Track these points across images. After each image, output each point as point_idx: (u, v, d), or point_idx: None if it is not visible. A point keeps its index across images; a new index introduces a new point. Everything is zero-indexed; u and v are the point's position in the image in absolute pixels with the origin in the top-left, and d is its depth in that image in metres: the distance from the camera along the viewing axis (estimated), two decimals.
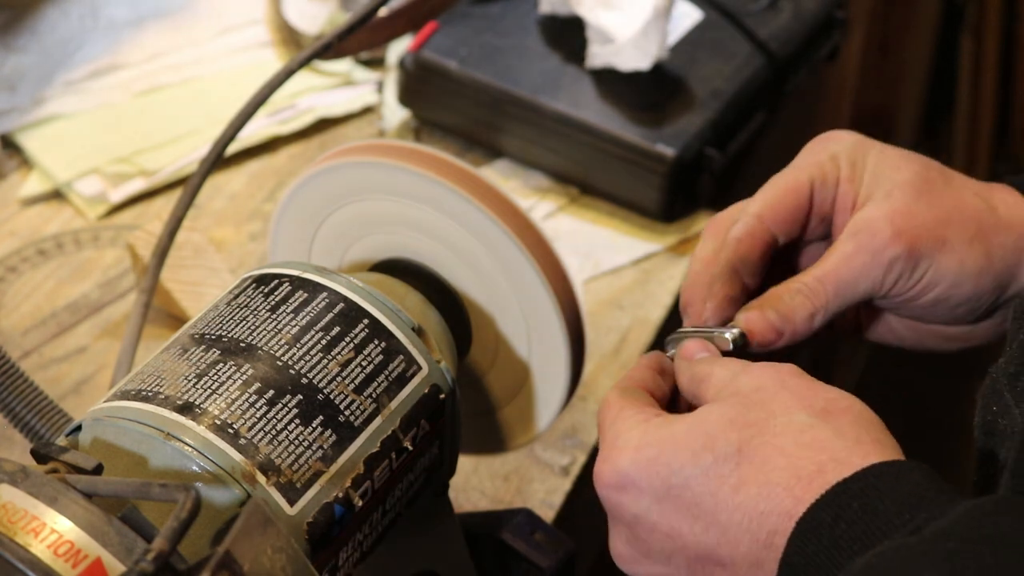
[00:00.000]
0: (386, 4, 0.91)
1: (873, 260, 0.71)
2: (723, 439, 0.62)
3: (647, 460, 0.63)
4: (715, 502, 0.61)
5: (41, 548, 0.55)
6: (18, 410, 0.77)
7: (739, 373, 0.65)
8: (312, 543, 0.64)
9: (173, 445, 0.63)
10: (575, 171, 1.19)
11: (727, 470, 0.61)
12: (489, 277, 0.79)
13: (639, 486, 0.63)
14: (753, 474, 0.61)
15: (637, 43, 1.14)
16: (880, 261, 0.71)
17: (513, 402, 0.83)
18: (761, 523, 0.60)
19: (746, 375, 0.65)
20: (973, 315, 0.74)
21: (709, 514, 0.61)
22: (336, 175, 0.80)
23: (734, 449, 0.61)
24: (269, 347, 0.69)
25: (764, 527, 0.60)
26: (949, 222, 0.72)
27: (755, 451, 0.61)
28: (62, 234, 1.15)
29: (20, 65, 1.26)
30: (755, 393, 0.64)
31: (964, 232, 0.72)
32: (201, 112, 1.24)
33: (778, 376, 0.64)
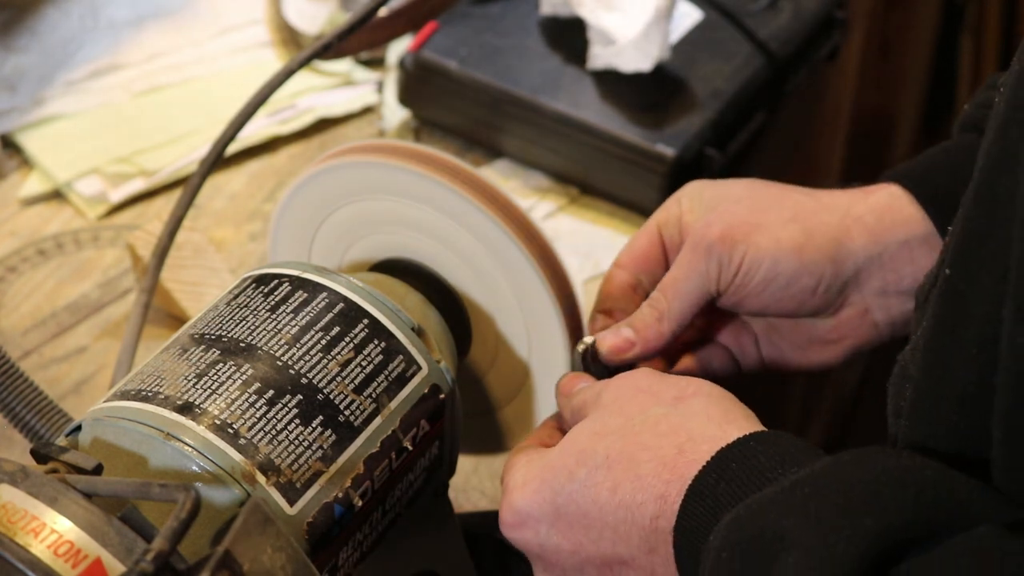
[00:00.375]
0: (386, 4, 0.91)
1: (695, 255, 0.78)
2: (591, 451, 0.67)
3: (532, 491, 0.68)
4: (599, 508, 0.66)
5: (41, 548, 0.55)
6: (18, 410, 0.77)
7: (601, 390, 0.71)
8: (312, 543, 0.64)
9: (173, 445, 0.63)
10: (575, 171, 1.19)
11: (601, 477, 0.66)
12: (489, 277, 0.79)
13: (534, 516, 0.68)
14: (624, 473, 0.65)
15: (638, 44, 1.14)
16: (701, 255, 0.78)
17: (513, 402, 0.83)
18: (642, 513, 0.64)
19: (607, 390, 0.71)
20: (817, 298, 0.79)
21: (598, 520, 0.66)
22: (336, 175, 0.80)
23: (603, 457, 0.66)
24: (269, 347, 0.69)
25: (645, 515, 0.64)
26: (765, 211, 0.79)
27: (621, 452, 0.66)
28: (62, 234, 1.14)
29: (20, 65, 1.26)
30: (614, 403, 0.69)
31: (779, 216, 0.78)
32: (201, 112, 1.24)
33: (632, 382, 0.70)
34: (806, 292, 0.79)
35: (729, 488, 0.62)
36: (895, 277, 0.79)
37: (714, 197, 0.81)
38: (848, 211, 0.80)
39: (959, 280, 0.60)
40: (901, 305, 0.80)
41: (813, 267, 0.78)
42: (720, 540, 0.59)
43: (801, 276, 0.78)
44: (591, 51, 1.17)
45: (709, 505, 0.62)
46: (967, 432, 0.59)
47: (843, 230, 0.79)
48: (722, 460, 0.63)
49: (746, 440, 0.64)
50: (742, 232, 0.78)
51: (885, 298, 0.80)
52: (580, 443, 0.68)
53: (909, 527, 0.55)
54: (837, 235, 0.79)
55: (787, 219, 0.79)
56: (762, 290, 0.78)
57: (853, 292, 0.80)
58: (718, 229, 0.78)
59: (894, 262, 0.79)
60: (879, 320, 0.81)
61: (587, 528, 0.66)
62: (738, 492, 0.61)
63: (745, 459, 0.62)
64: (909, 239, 0.79)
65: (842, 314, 0.81)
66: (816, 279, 0.78)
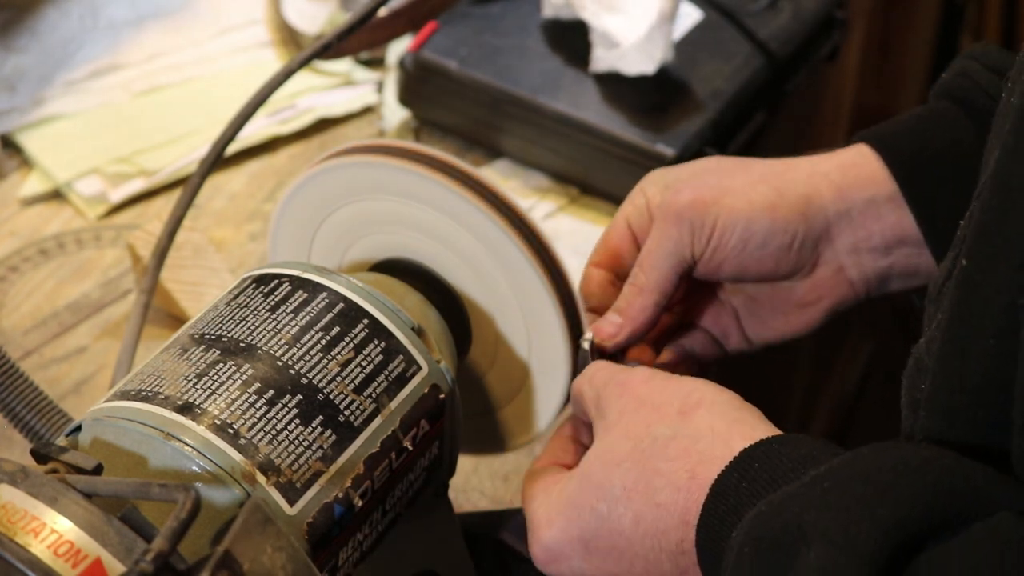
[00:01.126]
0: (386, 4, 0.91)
1: (666, 223, 0.78)
2: (607, 485, 0.68)
3: (560, 530, 0.69)
4: (626, 539, 0.67)
5: (41, 548, 0.55)
6: (18, 410, 0.77)
7: (600, 392, 0.72)
8: (312, 543, 0.64)
9: (173, 445, 0.63)
10: (575, 171, 1.19)
11: (622, 509, 0.67)
12: (489, 277, 0.79)
13: (566, 553, 0.69)
14: (643, 504, 0.66)
15: (642, 47, 1.14)
16: (672, 222, 0.78)
17: (513, 402, 0.83)
18: (667, 539, 0.66)
19: (607, 396, 0.71)
20: (792, 255, 0.79)
21: (627, 551, 0.67)
22: (336, 175, 0.80)
23: (620, 489, 0.67)
24: (269, 347, 0.69)
25: (671, 540, 0.66)
26: (732, 176, 0.80)
27: (636, 483, 0.67)
28: (63, 234, 1.15)
29: (20, 65, 1.26)
30: (619, 422, 0.70)
31: (747, 179, 0.79)
32: (201, 112, 1.24)
33: (633, 393, 0.70)
34: (782, 250, 0.79)
35: (752, 487, 0.62)
36: (864, 233, 0.80)
37: (678, 178, 0.81)
38: (814, 169, 0.80)
39: (976, 271, 0.60)
40: (874, 262, 0.81)
41: (786, 224, 0.78)
42: (742, 536, 0.60)
43: (776, 234, 0.78)
44: (594, 54, 1.17)
45: (731, 504, 0.63)
46: (985, 422, 0.59)
47: (811, 187, 0.79)
48: (745, 460, 0.63)
49: (768, 442, 0.64)
50: (712, 196, 0.78)
51: (857, 255, 0.80)
52: (595, 477, 0.68)
53: (928, 516, 0.55)
54: (806, 191, 0.79)
55: (756, 181, 0.79)
56: (739, 251, 0.78)
57: (826, 249, 0.80)
58: (687, 196, 0.78)
59: (862, 218, 0.80)
60: (853, 277, 0.81)
61: (618, 559, 0.68)
62: (759, 491, 0.62)
63: (767, 459, 0.63)
64: (875, 196, 0.79)
65: (817, 273, 0.81)
66: (791, 236, 0.79)
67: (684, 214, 0.78)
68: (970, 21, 2.20)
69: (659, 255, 0.78)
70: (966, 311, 0.60)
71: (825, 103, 1.51)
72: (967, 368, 0.60)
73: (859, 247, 0.80)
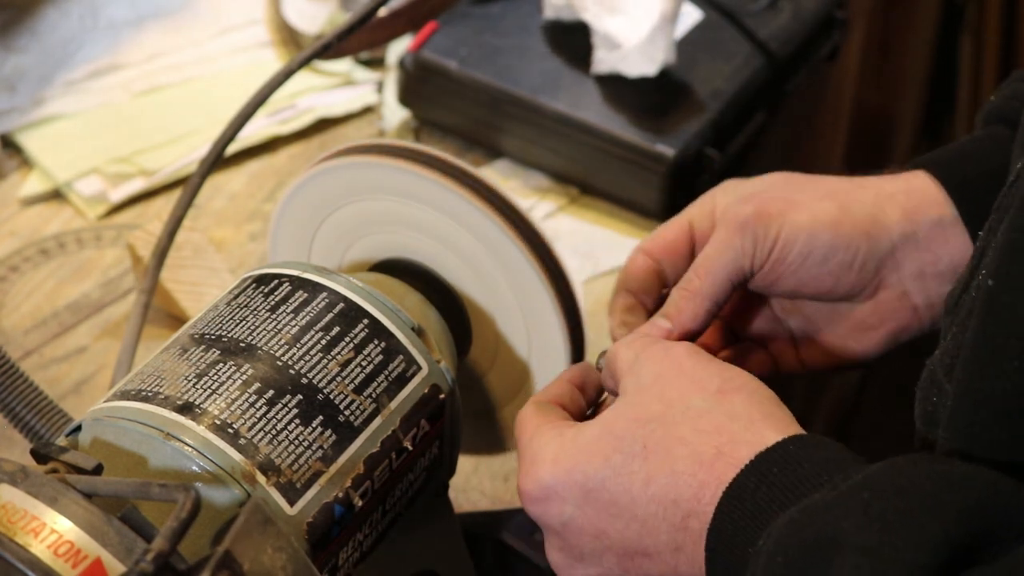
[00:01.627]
0: (386, 4, 0.91)
1: (728, 231, 0.77)
2: (629, 438, 0.65)
3: (564, 470, 0.67)
4: (630, 498, 0.65)
5: (41, 548, 0.55)
6: (18, 410, 0.77)
7: (639, 356, 0.69)
8: (312, 543, 0.64)
9: (173, 445, 0.63)
10: (575, 171, 1.19)
11: (636, 466, 0.65)
12: (489, 277, 0.79)
13: (560, 495, 0.67)
14: (659, 466, 0.64)
15: (643, 49, 1.14)
16: (734, 231, 0.77)
17: (513, 402, 0.83)
18: (674, 510, 0.64)
19: (646, 361, 0.69)
20: (852, 274, 0.78)
21: (627, 510, 0.65)
22: (336, 175, 0.80)
23: (640, 446, 0.65)
24: (269, 347, 0.69)
25: (678, 513, 0.64)
26: (799, 191, 0.79)
27: (658, 444, 0.65)
28: (64, 233, 1.15)
29: (20, 65, 1.26)
30: (654, 384, 0.67)
31: (815, 194, 0.78)
32: (201, 112, 1.24)
33: (675, 360, 0.68)
34: (843, 267, 0.78)
35: (771, 493, 0.61)
36: (932, 258, 0.78)
37: (749, 190, 0.80)
38: (881, 189, 0.79)
39: (1003, 291, 0.59)
40: (939, 288, 0.79)
41: (849, 241, 0.77)
42: (773, 544, 0.58)
43: (837, 251, 0.77)
44: (595, 55, 1.17)
45: (749, 509, 0.61)
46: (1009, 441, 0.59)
47: (877, 206, 0.78)
48: (763, 464, 0.62)
49: (786, 444, 0.63)
50: (777, 208, 0.77)
51: (923, 280, 0.79)
52: (618, 428, 0.66)
53: (974, 533, 0.54)
54: (872, 211, 0.78)
55: (822, 196, 0.78)
56: (798, 266, 0.77)
57: (890, 273, 0.79)
58: (752, 207, 0.77)
59: (929, 242, 0.78)
60: (918, 303, 0.80)
61: (615, 516, 0.65)
62: (780, 497, 0.60)
63: (787, 464, 0.62)
64: (941, 219, 0.78)
65: (880, 296, 0.79)
66: (852, 254, 0.77)
67: (748, 224, 0.77)
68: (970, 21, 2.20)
69: (718, 262, 0.77)
70: (991, 331, 0.59)
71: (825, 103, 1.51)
72: (990, 387, 0.59)
73: (925, 272, 0.79)
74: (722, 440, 0.64)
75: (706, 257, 0.77)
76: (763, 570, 0.58)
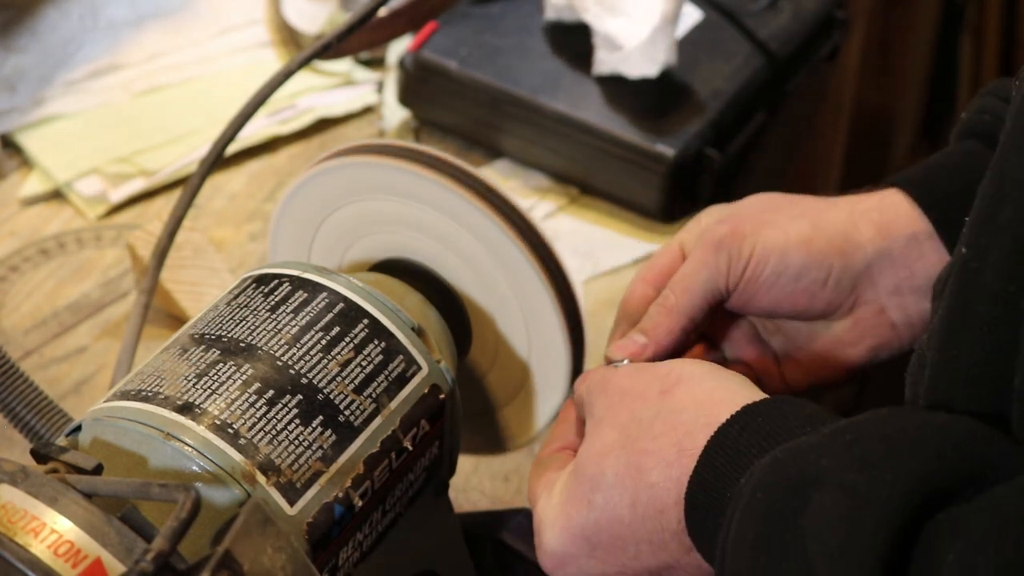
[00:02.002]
0: (386, 4, 0.91)
1: (705, 251, 0.79)
2: (599, 474, 0.67)
3: (560, 530, 0.68)
4: (626, 527, 0.66)
5: (41, 548, 0.55)
6: (18, 410, 0.77)
7: (589, 389, 0.72)
8: (312, 543, 0.64)
9: (173, 445, 0.63)
10: (575, 171, 1.19)
11: (617, 496, 0.67)
12: (489, 277, 0.79)
13: (571, 553, 0.68)
14: (636, 485, 0.66)
15: (645, 50, 1.14)
16: (710, 250, 0.78)
17: (513, 402, 0.83)
18: (667, 518, 0.65)
19: (594, 392, 0.71)
20: (827, 291, 0.79)
21: (631, 538, 0.67)
22: (336, 175, 0.80)
23: (612, 476, 0.67)
24: (269, 347, 0.69)
25: (671, 519, 0.65)
26: (775, 209, 0.80)
27: (627, 467, 0.66)
28: (64, 233, 1.15)
29: (20, 65, 1.26)
30: (607, 415, 0.69)
31: (788, 213, 0.79)
32: (201, 112, 1.24)
33: (616, 385, 0.70)
34: (816, 285, 0.79)
35: (753, 439, 0.62)
36: (907, 273, 0.79)
37: (728, 210, 0.82)
38: (854, 207, 0.80)
39: (972, 258, 0.60)
40: (917, 304, 0.80)
41: (822, 258, 0.78)
42: (755, 482, 0.60)
43: (810, 268, 0.78)
44: (596, 56, 1.17)
45: (730, 455, 0.62)
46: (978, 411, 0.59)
47: (851, 224, 0.79)
48: (747, 415, 0.63)
49: (774, 400, 0.64)
50: (750, 227, 0.79)
51: (900, 296, 0.80)
52: (588, 469, 0.68)
53: (951, 473, 0.55)
54: (845, 228, 0.79)
55: (796, 215, 0.80)
56: (772, 284, 0.78)
57: (866, 290, 0.80)
58: (727, 227, 0.79)
59: (904, 257, 0.79)
60: (896, 320, 0.80)
61: (623, 549, 0.67)
62: (762, 443, 0.62)
63: (771, 415, 0.63)
64: (916, 234, 0.79)
65: (857, 313, 0.80)
66: (825, 271, 0.79)
67: (723, 244, 0.78)
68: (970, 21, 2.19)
69: (693, 280, 0.78)
70: (961, 299, 0.60)
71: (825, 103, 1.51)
72: (961, 358, 0.60)
73: (901, 287, 0.80)
74: (679, 436, 0.65)
75: (683, 275, 0.79)
76: (743, 509, 0.59)
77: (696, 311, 0.78)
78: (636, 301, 0.81)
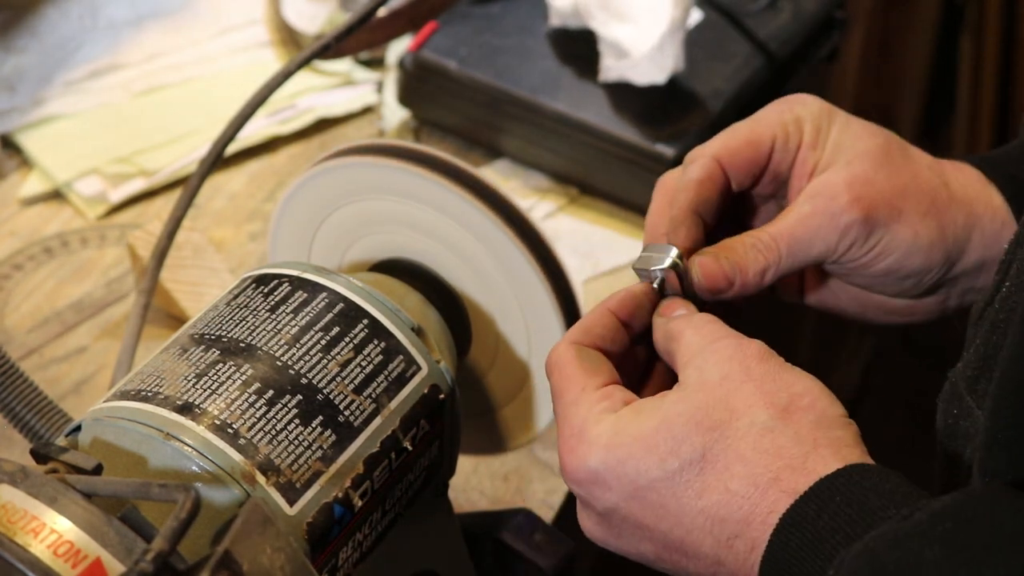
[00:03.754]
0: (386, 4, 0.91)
1: (830, 223, 0.72)
2: (688, 444, 0.63)
3: (616, 460, 0.64)
4: (679, 505, 0.63)
5: (41, 548, 0.55)
6: (18, 410, 0.77)
7: (707, 347, 0.66)
8: (311, 543, 0.64)
9: (173, 445, 0.63)
10: (575, 171, 1.19)
11: (691, 475, 0.63)
12: (489, 277, 0.79)
13: (608, 483, 0.64)
14: (714, 481, 0.63)
15: (653, 57, 1.13)
16: (836, 225, 0.72)
17: (513, 402, 0.83)
18: (722, 528, 0.62)
19: (713, 354, 0.65)
20: (918, 289, 0.76)
21: (674, 516, 0.64)
22: (336, 175, 0.80)
23: (698, 455, 0.63)
24: (269, 347, 0.69)
25: (725, 532, 0.62)
26: (906, 194, 0.73)
27: (717, 457, 0.63)
28: (67, 232, 1.15)
29: (20, 65, 1.26)
30: (720, 386, 0.64)
31: (919, 205, 0.74)
32: (201, 112, 1.24)
33: (744, 363, 0.65)
34: (913, 284, 0.76)
35: (834, 522, 0.59)
36: (983, 282, 0.77)
37: (842, 138, 0.75)
38: (972, 208, 0.76)
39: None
40: (975, 295, 0.77)
41: (935, 267, 0.75)
42: (848, 572, 0.57)
43: (921, 274, 0.75)
44: (603, 64, 1.16)
45: (809, 538, 0.60)
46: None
47: (966, 231, 0.75)
48: (824, 492, 0.60)
49: (849, 472, 0.61)
50: (884, 216, 0.73)
51: (967, 296, 0.78)
52: (678, 428, 0.63)
53: None
54: (962, 236, 0.75)
55: (926, 209, 0.74)
56: (879, 275, 0.75)
57: (945, 286, 0.77)
58: (862, 206, 0.72)
59: (990, 268, 0.76)
60: (951, 306, 0.78)
61: (661, 518, 0.64)
62: (845, 528, 0.59)
63: (851, 493, 0.60)
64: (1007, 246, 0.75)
65: (925, 299, 0.78)
66: (931, 277, 0.75)
67: (852, 228, 0.72)
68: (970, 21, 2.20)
69: (806, 250, 0.72)
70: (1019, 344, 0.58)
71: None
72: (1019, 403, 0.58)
73: (973, 288, 0.77)
74: (781, 465, 0.62)
75: (794, 236, 0.72)
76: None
77: (792, 273, 0.73)
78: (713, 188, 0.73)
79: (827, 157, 0.74)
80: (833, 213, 0.72)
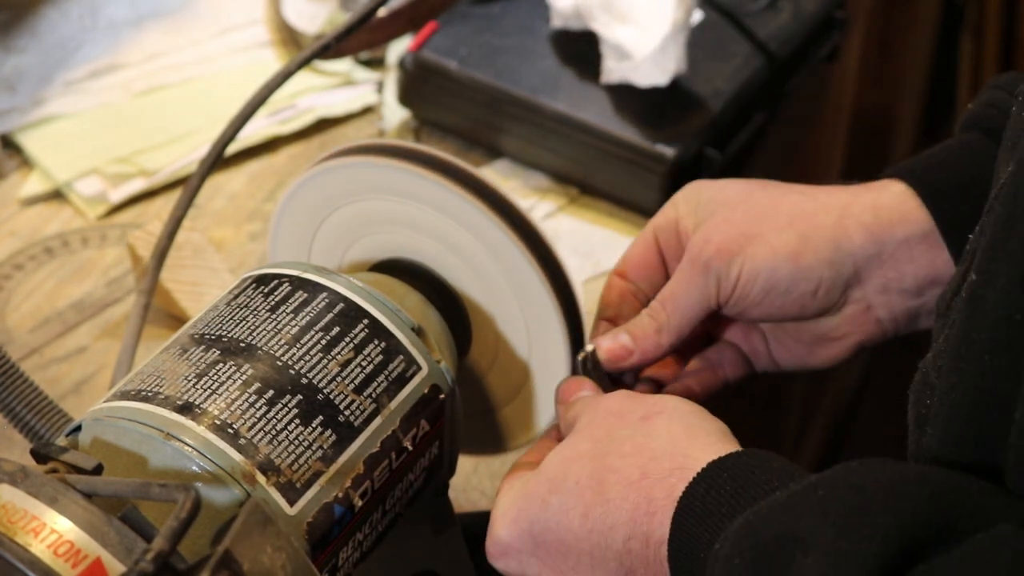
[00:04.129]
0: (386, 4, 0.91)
1: (694, 271, 0.78)
2: (561, 477, 0.67)
3: (511, 521, 0.69)
4: (573, 535, 0.67)
5: (41, 548, 0.55)
6: (18, 410, 0.77)
7: (581, 412, 0.72)
8: (312, 543, 0.64)
9: (173, 445, 0.63)
10: (575, 171, 1.19)
11: (572, 503, 0.67)
12: (489, 277, 0.79)
13: (515, 547, 0.69)
14: (593, 498, 0.66)
15: (656, 59, 1.13)
16: (699, 270, 0.78)
17: (513, 402, 0.83)
18: (613, 536, 0.65)
19: (584, 413, 0.71)
20: (818, 300, 0.79)
21: (574, 547, 0.67)
22: (336, 175, 0.80)
23: (573, 483, 0.67)
24: (269, 347, 0.69)
25: (617, 538, 0.65)
26: (761, 219, 0.79)
27: (589, 477, 0.67)
28: (68, 232, 1.15)
29: (20, 65, 1.26)
30: (587, 428, 0.70)
31: (775, 224, 0.78)
32: (201, 112, 1.24)
33: (605, 405, 0.71)
34: (806, 296, 0.79)
35: (720, 498, 0.62)
36: (896, 275, 0.79)
37: (710, 200, 0.80)
38: (845, 210, 0.79)
39: (980, 285, 0.60)
40: (903, 303, 0.80)
41: (810, 272, 0.78)
42: (730, 547, 0.59)
43: (799, 282, 0.78)
44: (605, 65, 1.16)
45: (699, 515, 0.62)
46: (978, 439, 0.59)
47: (840, 230, 0.79)
48: (713, 472, 0.63)
49: (738, 455, 0.64)
50: (738, 244, 0.78)
51: (887, 295, 0.80)
52: (552, 470, 0.68)
53: (928, 526, 0.55)
54: (834, 236, 0.79)
55: (783, 226, 0.79)
56: (762, 299, 0.78)
57: (855, 290, 0.80)
58: (715, 243, 0.78)
59: (894, 260, 0.79)
60: (882, 317, 0.81)
61: (565, 556, 0.67)
62: (731, 502, 0.62)
63: (737, 471, 0.63)
64: (909, 237, 0.79)
65: (845, 311, 0.81)
66: (815, 283, 0.78)
67: (711, 265, 0.78)
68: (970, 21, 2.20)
69: (684, 302, 0.79)
70: (967, 325, 0.60)
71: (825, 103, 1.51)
72: (964, 385, 0.60)
73: (889, 287, 0.80)
74: (644, 459, 0.66)
75: (673, 294, 0.79)
76: (721, 573, 0.59)
77: (684, 329, 0.79)
78: (612, 297, 0.82)
79: (696, 220, 0.80)
80: (698, 261, 0.78)
